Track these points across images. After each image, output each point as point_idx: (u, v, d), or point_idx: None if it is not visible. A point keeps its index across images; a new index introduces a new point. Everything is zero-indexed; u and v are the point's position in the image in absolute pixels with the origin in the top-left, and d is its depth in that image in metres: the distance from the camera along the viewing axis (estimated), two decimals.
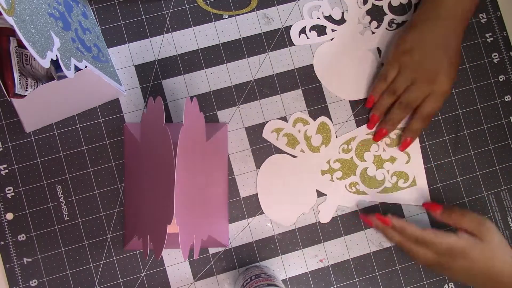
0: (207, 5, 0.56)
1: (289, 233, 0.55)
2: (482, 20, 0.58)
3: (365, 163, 0.55)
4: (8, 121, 0.53)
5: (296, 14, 0.56)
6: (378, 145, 0.55)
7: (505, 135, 0.57)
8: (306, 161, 0.55)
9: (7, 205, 0.52)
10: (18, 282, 0.52)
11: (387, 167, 0.55)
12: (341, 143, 0.55)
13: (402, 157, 0.56)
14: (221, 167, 0.54)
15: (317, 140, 0.55)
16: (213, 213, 0.52)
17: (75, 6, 0.48)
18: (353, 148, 0.55)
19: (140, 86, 0.55)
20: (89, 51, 0.47)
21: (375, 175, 0.55)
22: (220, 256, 0.54)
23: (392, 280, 0.55)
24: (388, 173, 0.55)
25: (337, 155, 0.55)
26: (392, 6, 0.57)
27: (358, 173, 0.55)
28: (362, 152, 0.55)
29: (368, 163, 0.55)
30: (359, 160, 0.55)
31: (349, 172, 0.55)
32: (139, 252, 0.53)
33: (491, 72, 0.57)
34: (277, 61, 0.56)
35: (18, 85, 0.42)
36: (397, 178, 0.55)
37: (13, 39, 0.43)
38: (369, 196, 0.55)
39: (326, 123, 0.55)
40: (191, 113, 0.46)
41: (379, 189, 0.55)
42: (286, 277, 0.54)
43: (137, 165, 0.52)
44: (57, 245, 0.53)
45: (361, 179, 0.55)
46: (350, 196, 0.55)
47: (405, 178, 0.55)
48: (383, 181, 0.55)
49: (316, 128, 0.55)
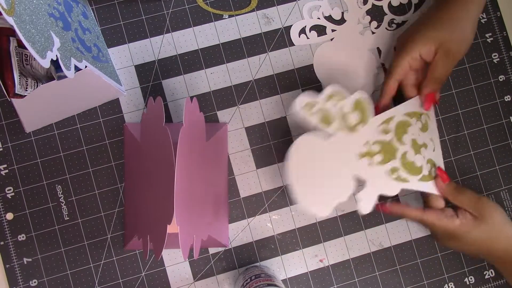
0: (207, 5, 0.56)
1: (289, 233, 0.55)
2: (482, 20, 0.58)
3: (404, 146, 0.49)
4: (8, 121, 0.53)
5: (296, 14, 0.56)
6: (414, 126, 0.50)
7: (505, 135, 0.57)
8: (342, 142, 0.48)
9: (7, 205, 0.52)
10: (18, 282, 0.52)
11: (423, 153, 0.50)
12: (380, 122, 0.49)
13: (431, 144, 0.51)
14: (221, 167, 0.54)
15: (354, 117, 0.48)
16: (213, 213, 0.52)
17: (75, 6, 0.48)
18: (393, 129, 0.49)
19: (140, 86, 0.55)
20: (89, 51, 0.47)
21: (414, 161, 0.49)
22: (220, 256, 0.54)
23: (392, 280, 0.55)
24: (425, 159, 0.50)
25: (376, 135, 0.49)
26: (392, 6, 0.57)
27: (398, 157, 0.49)
28: (401, 134, 0.49)
29: (407, 146, 0.49)
30: (399, 142, 0.49)
31: (389, 155, 0.48)
32: (139, 252, 0.53)
33: (491, 72, 0.57)
34: (277, 61, 0.56)
35: (18, 85, 0.42)
36: (431, 166, 0.51)
37: (13, 39, 0.43)
38: (410, 184, 0.49)
39: (361, 99, 0.48)
40: (191, 113, 0.46)
41: (418, 176, 0.49)
42: (286, 277, 0.54)
43: (137, 165, 0.52)
44: (57, 245, 0.53)
45: (401, 164, 0.49)
46: (392, 183, 0.49)
47: (435, 168, 0.51)
48: (421, 168, 0.49)
49: (353, 104, 0.48)
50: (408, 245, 0.55)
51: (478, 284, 0.55)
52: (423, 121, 0.51)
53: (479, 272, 0.55)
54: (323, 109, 0.48)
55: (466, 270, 0.55)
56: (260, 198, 0.55)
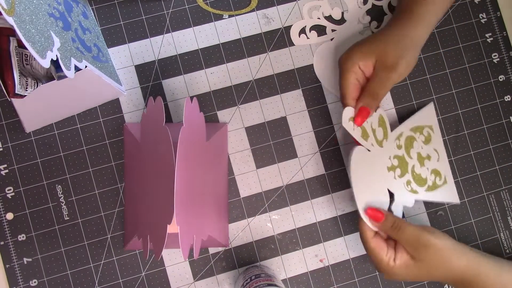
0: (207, 5, 0.56)
1: (289, 233, 0.55)
2: (482, 20, 0.58)
3: (412, 160, 0.53)
4: (8, 121, 0.53)
5: (296, 14, 0.56)
6: (417, 141, 0.54)
7: (505, 135, 0.57)
8: (376, 156, 0.51)
9: (7, 205, 0.52)
10: (18, 282, 0.52)
11: (426, 165, 0.54)
12: (394, 138, 0.53)
13: (434, 154, 0.55)
14: (221, 167, 0.54)
15: (380, 133, 0.52)
16: (213, 213, 0.52)
17: (75, 6, 0.48)
18: (403, 145, 0.53)
19: (140, 86, 0.55)
20: (89, 51, 0.47)
21: (421, 173, 0.53)
22: (220, 256, 0.54)
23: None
24: (428, 170, 0.54)
25: (394, 150, 0.53)
26: (392, 6, 0.57)
27: (409, 170, 0.53)
28: (409, 149, 0.53)
29: (414, 159, 0.53)
30: (408, 156, 0.53)
31: (404, 169, 0.53)
32: (139, 252, 0.53)
33: (491, 72, 0.57)
34: (277, 61, 0.56)
35: (18, 85, 0.42)
36: (435, 176, 0.54)
37: (13, 39, 0.43)
38: (419, 195, 0.53)
39: (383, 116, 0.52)
40: (191, 113, 0.46)
41: (424, 187, 0.53)
42: (286, 277, 0.54)
43: (137, 165, 0.52)
44: (57, 245, 0.53)
45: (412, 177, 0.53)
46: (409, 195, 0.53)
47: (439, 176, 0.54)
48: (427, 179, 0.54)
49: (378, 120, 0.52)
50: None
51: None
52: (425, 134, 0.55)
53: None
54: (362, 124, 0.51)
55: None
56: (260, 198, 0.55)
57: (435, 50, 0.57)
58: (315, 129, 0.56)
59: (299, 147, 0.55)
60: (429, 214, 0.56)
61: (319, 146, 0.56)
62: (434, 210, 0.56)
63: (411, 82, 0.57)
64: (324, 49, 0.56)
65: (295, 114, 0.56)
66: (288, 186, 0.55)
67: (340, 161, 0.56)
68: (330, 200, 0.55)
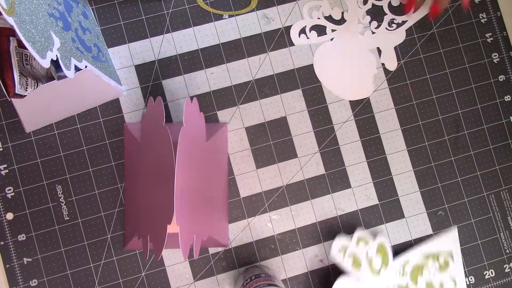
0: (207, 5, 0.56)
1: (289, 233, 0.55)
2: (482, 20, 0.58)
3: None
4: (8, 121, 0.53)
5: (296, 14, 0.56)
6: (429, 270, 0.53)
7: (505, 135, 0.57)
8: (369, 287, 0.52)
9: (7, 205, 0.52)
10: (18, 282, 0.52)
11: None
12: (398, 266, 0.53)
13: (450, 284, 0.53)
14: (221, 167, 0.54)
15: (378, 262, 0.52)
16: (213, 213, 0.52)
17: (75, 6, 0.48)
18: (407, 273, 0.53)
19: (140, 86, 0.55)
20: (89, 51, 0.47)
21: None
22: (220, 256, 0.54)
23: None
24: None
25: (395, 279, 0.52)
26: (392, 6, 0.57)
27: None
28: (416, 277, 0.53)
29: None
30: (414, 285, 0.53)
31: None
32: (139, 252, 0.53)
33: (491, 72, 0.57)
34: (277, 61, 0.56)
35: (18, 85, 0.42)
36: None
37: (13, 39, 0.43)
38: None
39: (383, 244, 0.53)
40: (191, 113, 0.46)
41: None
42: (286, 277, 0.54)
43: (137, 165, 0.52)
44: (57, 245, 0.53)
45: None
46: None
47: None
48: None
49: (376, 249, 0.52)
50: (408, 244, 0.55)
51: (478, 284, 0.55)
52: (441, 261, 0.54)
53: (479, 272, 0.55)
54: (354, 252, 0.52)
55: (466, 270, 0.55)
56: (260, 198, 0.55)
57: (435, 50, 0.57)
58: (315, 129, 0.56)
59: (299, 147, 0.55)
60: (429, 214, 0.56)
61: (319, 146, 0.56)
62: (434, 210, 0.56)
63: (411, 82, 0.57)
64: (324, 49, 0.56)
65: (295, 114, 0.56)
66: (288, 186, 0.55)
67: (340, 161, 0.56)
68: (330, 200, 0.55)
